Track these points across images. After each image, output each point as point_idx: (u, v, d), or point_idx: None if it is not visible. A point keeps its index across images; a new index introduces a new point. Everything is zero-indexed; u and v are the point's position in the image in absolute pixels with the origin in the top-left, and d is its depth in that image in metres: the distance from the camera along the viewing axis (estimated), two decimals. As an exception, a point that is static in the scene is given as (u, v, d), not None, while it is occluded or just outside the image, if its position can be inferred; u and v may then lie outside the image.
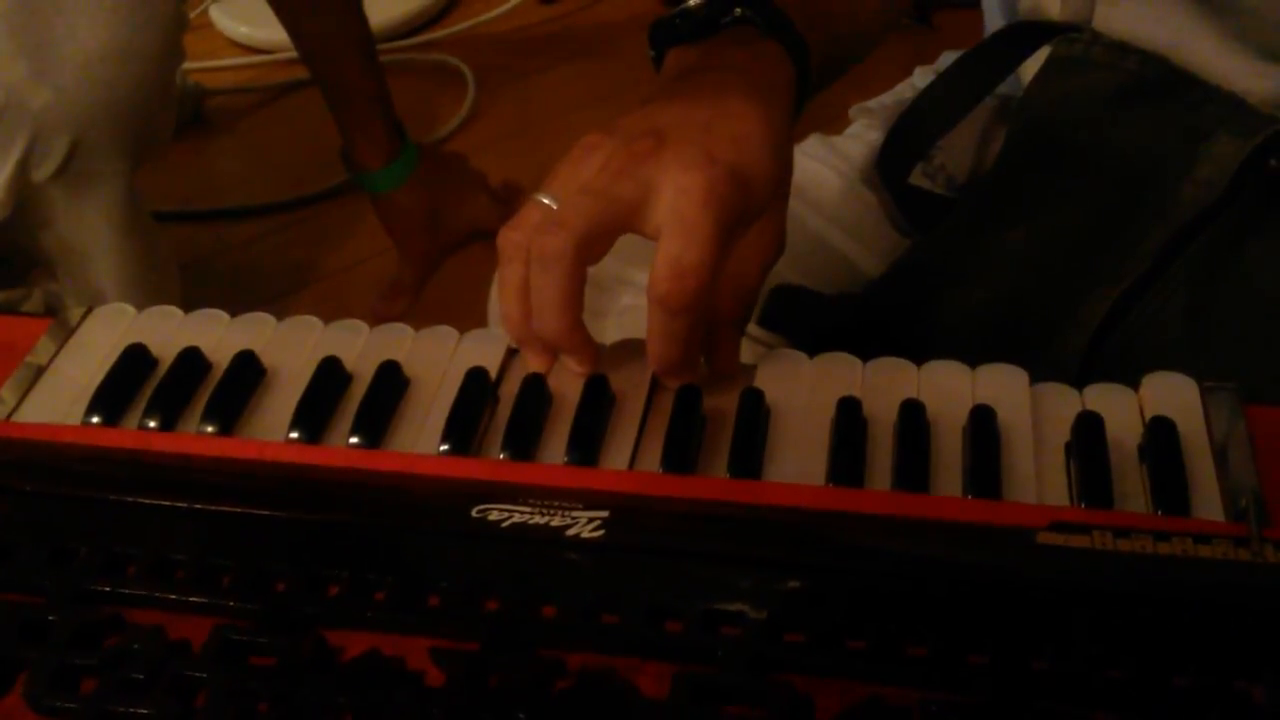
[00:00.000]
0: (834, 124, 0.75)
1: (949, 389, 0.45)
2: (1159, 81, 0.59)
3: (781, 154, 0.47)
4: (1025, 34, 0.64)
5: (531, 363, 0.47)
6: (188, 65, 1.59)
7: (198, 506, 0.42)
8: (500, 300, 0.46)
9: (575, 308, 0.44)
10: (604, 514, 0.40)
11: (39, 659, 0.37)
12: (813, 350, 0.48)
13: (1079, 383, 0.45)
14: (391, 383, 0.47)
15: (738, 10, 0.50)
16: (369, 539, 0.41)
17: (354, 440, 0.45)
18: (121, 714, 0.36)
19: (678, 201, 0.43)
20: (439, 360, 0.48)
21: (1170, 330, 0.55)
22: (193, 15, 1.63)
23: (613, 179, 0.44)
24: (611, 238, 0.44)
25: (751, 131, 0.45)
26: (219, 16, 1.71)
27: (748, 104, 0.46)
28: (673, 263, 0.42)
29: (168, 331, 0.50)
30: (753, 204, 0.45)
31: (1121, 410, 0.44)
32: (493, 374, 0.47)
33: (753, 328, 0.61)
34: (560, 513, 0.40)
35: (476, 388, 0.46)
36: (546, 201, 0.45)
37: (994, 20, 0.71)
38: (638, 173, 0.43)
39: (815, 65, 0.52)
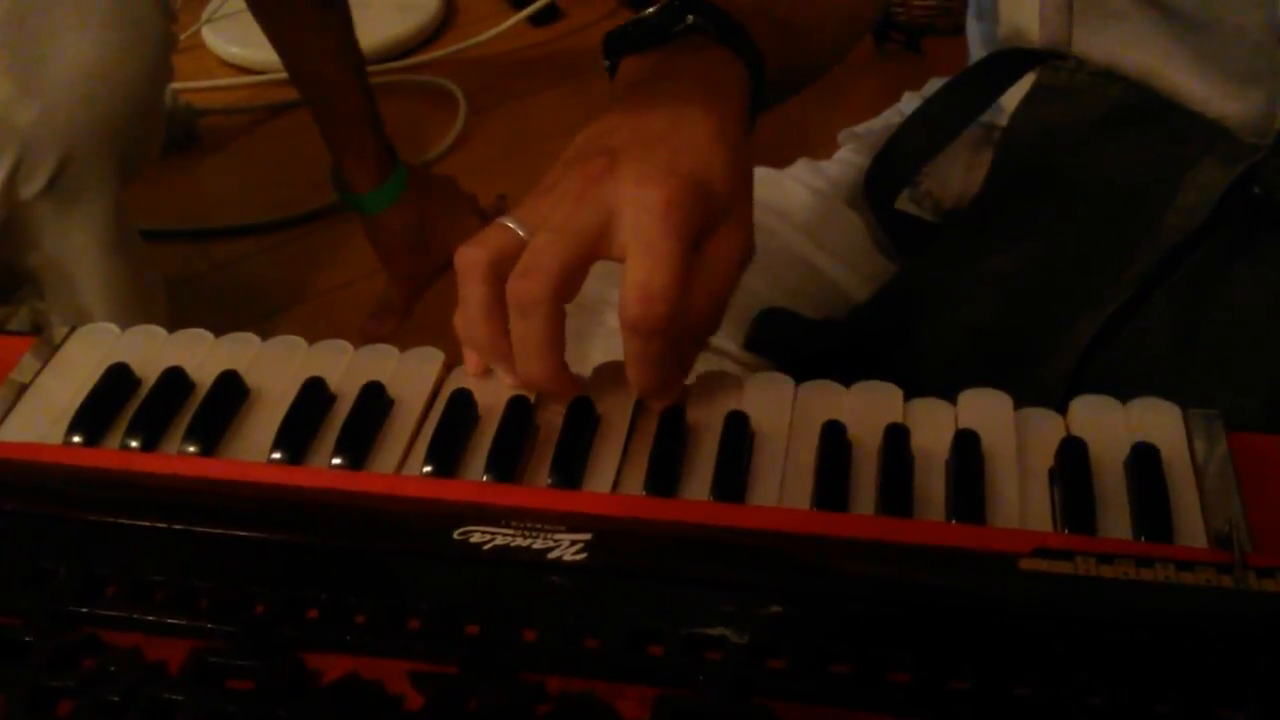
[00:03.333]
0: (822, 149, 0.75)
1: (933, 414, 0.46)
2: (1143, 109, 0.60)
3: (737, 157, 0.46)
4: (1009, 61, 0.65)
5: (505, 380, 0.46)
6: (179, 85, 1.59)
7: (177, 527, 0.41)
8: (463, 320, 0.45)
9: (558, 350, 0.44)
10: (587, 537, 0.40)
11: (15, 680, 0.37)
12: (798, 374, 0.48)
13: (1063, 408, 0.45)
14: (375, 404, 0.47)
15: (690, 18, 0.50)
16: (350, 561, 0.41)
17: (337, 461, 0.44)
18: (97, 737, 0.36)
19: (639, 219, 0.42)
20: (424, 381, 0.48)
21: (1154, 356, 0.55)
22: (184, 35, 1.65)
23: (573, 208, 0.43)
24: (584, 271, 0.44)
25: (706, 138, 0.45)
26: (211, 37, 1.72)
27: (701, 110, 0.46)
28: (641, 287, 0.42)
29: (151, 351, 0.50)
30: (714, 210, 0.44)
31: (1106, 429, 0.44)
32: (477, 396, 0.47)
33: (738, 351, 0.61)
34: (543, 535, 0.40)
35: (460, 410, 0.46)
36: (511, 225, 0.45)
37: (976, 47, 0.72)
38: (596, 195, 0.43)
39: (772, 73, 0.51)
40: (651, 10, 0.51)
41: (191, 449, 0.45)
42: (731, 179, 0.45)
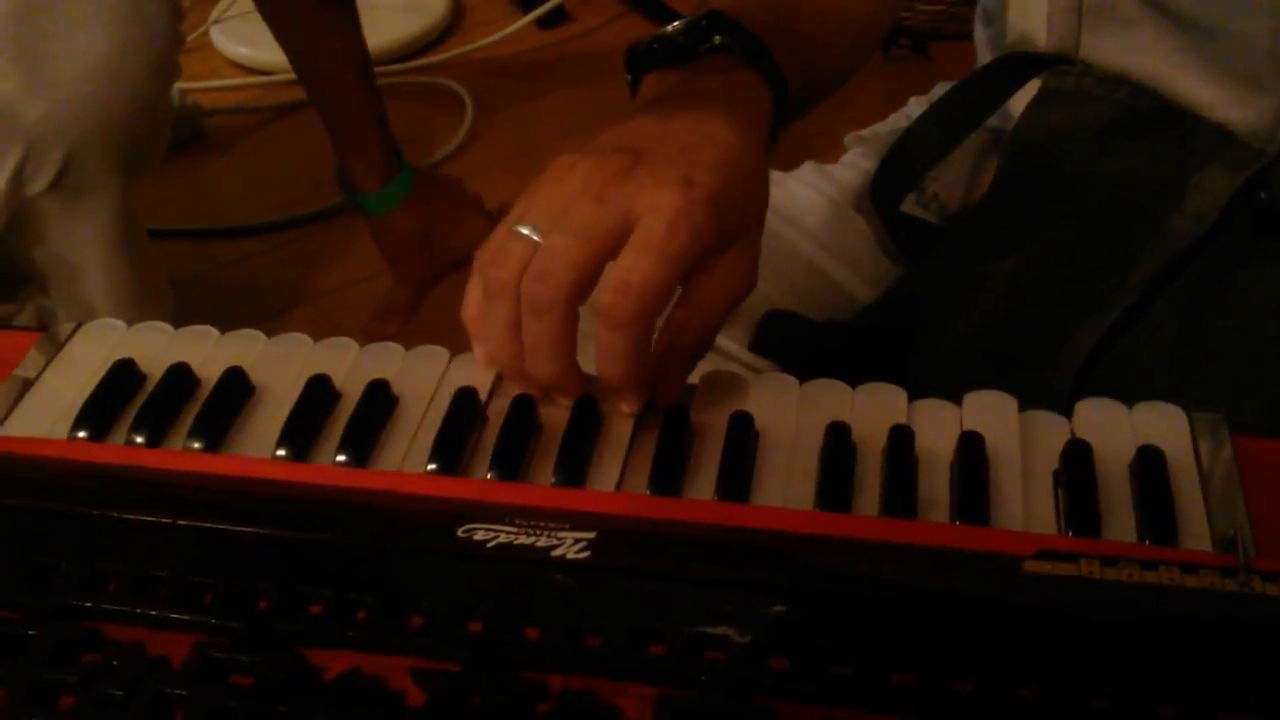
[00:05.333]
0: (829, 153, 0.75)
1: (938, 415, 0.45)
2: (1149, 113, 0.60)
3: (758, 184, 0.46)
4: (1016, 65, 0.65)
5: (522, 389, 0.46)
6: (186, 85, 1.60)
7: (181, 523, 0.41)
8: (486, 338, 0.45)
9: (571, 351, 0.44)
10: (590, 535, 0.39)
11: (16, 675, 0.37)
12: (803, 376, 0.48)
13: (1068, 411, 0.45)
14: (380, 401, 0.47)
15: (716, 38, 0.50)
16: (353, 557, 0.41)
17: (341, 458, 0.44)
18: (99, 731, 0.36)
19: (646, 219, 0.42)
20: (429, 379, 0.48)
21: (1158, 360, 0.55)
22: (192, 36, 1.65)
23: (591, 209, 0.43)
24: (599, 273, 0.43)
25: (730, 158, 0.44)
26: (219, 37, 1.72)
27: (728, 131, 0.45)
28: (621, 277, 0.42)
29: (157, 347, 0.50)
30: (726, 233, 0.44)
31: (1111, 432, 0.44)
32: (482, 394, 0.47)
33: (743, 353, 0.61)
34: (546, 533, 0.40)
35: (465, 407, 0.46)
36: (526, 233, 0.44)
37: (984, 52, 0.72)
38: (614, 194, 0.43)
39: (792, 95, 0.51)
40: (676, 26, 0.51)
41: (196, 445, 0.45)
42: (747, 205, 0.45)
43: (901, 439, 0.43)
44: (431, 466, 0.44)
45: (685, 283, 0.45)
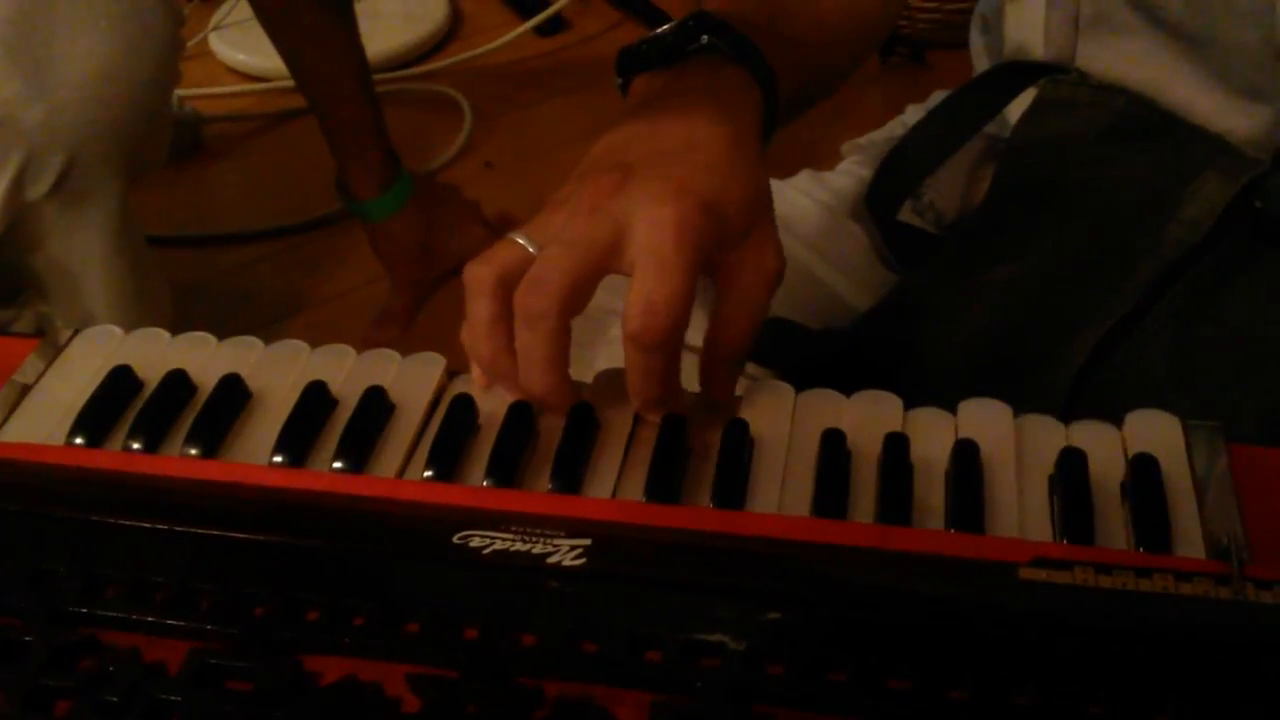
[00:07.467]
0: (826, 161, 0.75)
1: (933, 423, 0.46)
2: (1145, 122, 0.60)
3: (753, 177, 0.46)
4: (1013, 74, 0.65)
5: (508, 396, 0.47)
6: (186, 92, 1.60)
7: (178, 529, 0.42)
8: (468, 336, 0.45)
9: (563, 364, 0.44)
10: (586, 542, 0.40)
11: (13, 680, 0.37)
12: (799, 384, 0.48)
13: (1063, 420, 0.46)
14: (377, 408, 0.47)
15: (705, 38, 0.50)
16: (350, 564, 0.41)
17: (338, 465, 0.45)
18: (94, 737, 0.36)
19: (650, 236, 0.42)
20: (425, 386, 0.48)
21: (1154, 368, 0.56)
22: (192, 43, 1.65)
23: (584, 222, 0.43)
24: (594, 286, 0.44)
25: (721, 158, 0.45)
26: (218, 44, 1.72)
27: (716, 129, 0.46)
28: (644, 299, 0.42)
29: (154, 353, 0.50)
30: (728, 231, 0.44)
31: (1105, 447, 0.44)
32: (478, 402, 0.47)
33: (739, 360, 0.61)
34: (542, 540, 0.40)
35: (461, 414, 0.46)
36: (521, 241, 0.44)
37: (980, 60, 0.72)
38: (609, 209, 0.43)
39: (784, 94, 0.51)
40: (665, 28, 0.51)
41: (193, 451, 0.45)
42: (745, 201, 0.45)
43: (897, 446, 0.44)
44: (428, 473, 0.44)
45: (717, 282, 0.45)
